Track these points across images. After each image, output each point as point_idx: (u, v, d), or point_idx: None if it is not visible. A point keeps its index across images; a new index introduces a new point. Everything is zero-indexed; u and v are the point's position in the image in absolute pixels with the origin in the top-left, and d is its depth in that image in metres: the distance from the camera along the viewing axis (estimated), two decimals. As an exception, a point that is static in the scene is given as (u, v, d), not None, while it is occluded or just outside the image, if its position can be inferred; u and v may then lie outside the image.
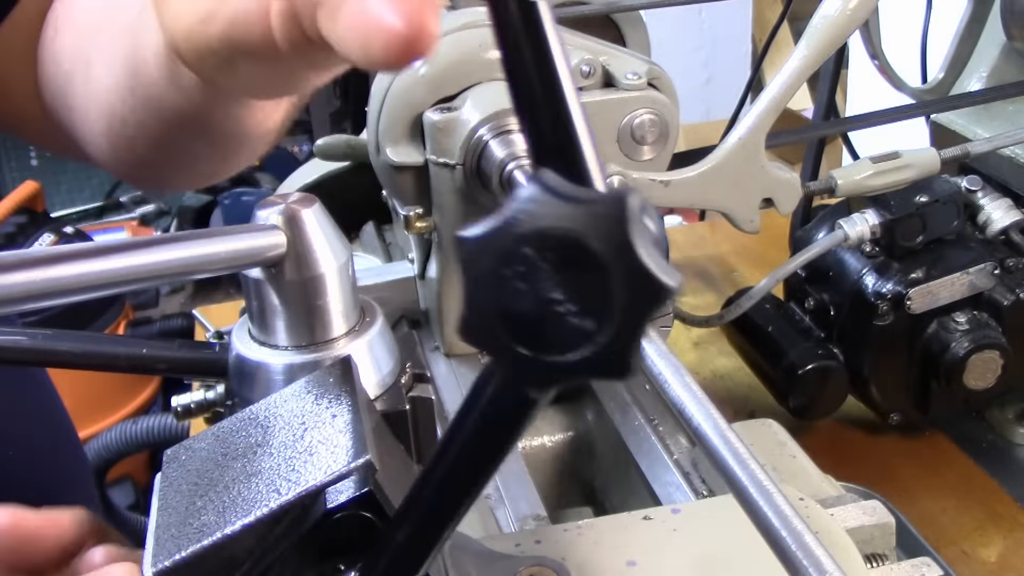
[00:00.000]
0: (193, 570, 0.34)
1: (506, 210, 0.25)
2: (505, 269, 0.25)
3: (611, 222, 0.24)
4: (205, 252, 0.36)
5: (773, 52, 1.18)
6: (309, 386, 0.38)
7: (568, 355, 0.25)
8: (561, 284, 0.25)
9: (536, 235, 0.24)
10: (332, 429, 0.35)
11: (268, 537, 0.34)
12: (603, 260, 0.24)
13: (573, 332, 0.25)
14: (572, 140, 0.26)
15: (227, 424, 0.38)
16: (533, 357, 0.25)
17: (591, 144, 0.26)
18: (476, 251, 0.25)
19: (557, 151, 0.26)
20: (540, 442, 0.73)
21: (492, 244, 0.25)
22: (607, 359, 0.25)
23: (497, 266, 0.25)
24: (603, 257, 0.24)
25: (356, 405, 0.36)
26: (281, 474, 0.35)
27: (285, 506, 0.34)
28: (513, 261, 0.25)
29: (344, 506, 0.34)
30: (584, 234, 0.24)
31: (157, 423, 1.85)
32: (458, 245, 0.25)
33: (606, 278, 0.24)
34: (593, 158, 0.26)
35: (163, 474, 0.38)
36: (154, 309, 2.65)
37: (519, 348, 0.25)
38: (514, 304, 0.25)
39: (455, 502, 0.31)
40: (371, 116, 0.70)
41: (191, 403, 0.46)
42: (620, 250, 0.24)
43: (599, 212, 0.24)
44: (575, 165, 0.26)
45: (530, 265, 0.25)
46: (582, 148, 0.26)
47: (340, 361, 0.39)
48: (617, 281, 0.24)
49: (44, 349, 0.43)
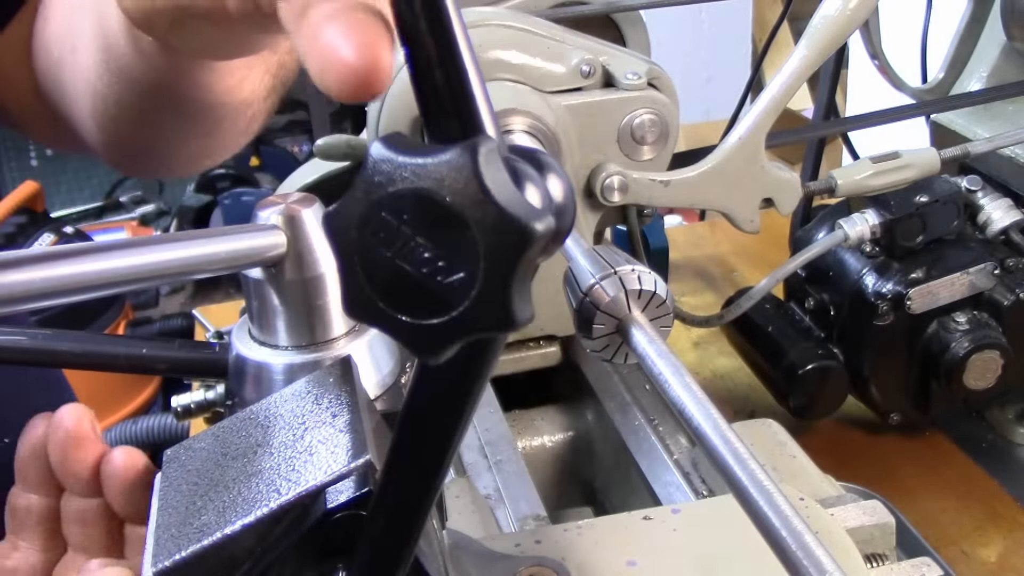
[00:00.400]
0: (193, 570, 0.34)
1: (359, 179, 0.24)
2: (369, 238, 0.24)
3: (461, 172, 0.23)
4: (205, 252, 0.36)
5: (773, 52, 1.18)
6: (309, 386, 0.38)
7: (448, 314, 0.24)
8: (425, 244, 0.24)
9: (390, 199, 0.24)
10: (332, 429, 0.35)
11: (268, 537, 0.34)
12: (458, 212, 0.23)
13: (446, 290, 0.24)
14: (466, 93, 0.25)
15: (227, 424, 0.38)
16: (416, 323, 0.25)
17: (485, 97, 0.25)
18: (339, 226, 0.25)
19: (451, 105, 0.25)
20: (540, 442, 0.73)
21: (352, 216, 0.24)
22: (485, 310, 0.24)
23: (360, 237, 0.24)
24: (458, 209, 0.23)
25: (356, 405, 0.36)
26: (281, 474, 0.35)
27: (285, 506, 0.34)
28: (375, 229, 0.24)
29: (344, 506, 0.34)
30: (436, 189, 0.24)
31: (157, 423, 1.86)
32: (324, 224, 0.25)
33: (466, 229, 0.24)
34: (487, 111, 0.25)
35: (163, 474, 0.38)
36: (154, 309, 2.65)
37: (401, 316, 0.25)
38: (384, 272, 0.25)
39: (417, 489, 0.31)
40: (371, 116, 0.70)
41: (191, 403, 0.46)
42: (473, 199, 0.23)
43: (449, 164, 0.24)
44: (471, 118, 0.25)
45: (391, 230, 0.24)
46: (476, 102, 0.25)
47: (340, 361, 0.39)
48: (477, 231, 0.23)
49: (44, 349, 0.43)
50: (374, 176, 0.24)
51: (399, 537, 0.32)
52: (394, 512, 0.32)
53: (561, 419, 0.75)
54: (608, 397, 0.71)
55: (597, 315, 0.40)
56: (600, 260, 0.41)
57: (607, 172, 0.69)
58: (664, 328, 0.40)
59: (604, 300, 0.40)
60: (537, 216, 0.23)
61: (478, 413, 0.70)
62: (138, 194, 3.51)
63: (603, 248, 0.43)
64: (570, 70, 0.68)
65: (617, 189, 0.69)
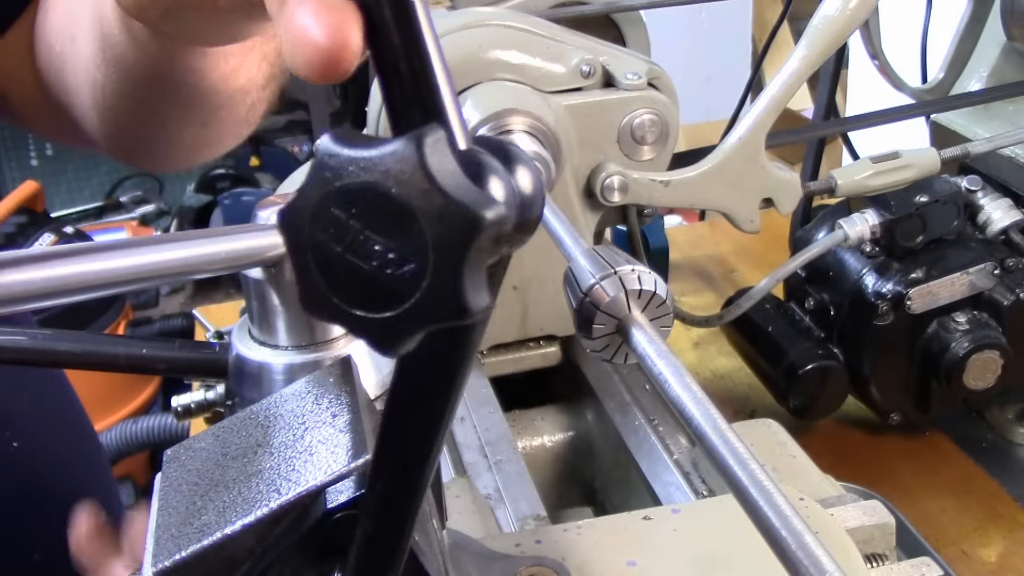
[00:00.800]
0: (193, 570, 0.34)
1: (309, 174, 0.24)
2: (320, 234, 0.24)
3: (407, 163, 0.23)
4: (205, 252, 0.36)
5: (773, 52, 1.18)
6: (309, 386, 0.38)
7: (401, 307, 0.24)
8: (375, 237, 0.24)
9: (338, 193, 0.24)
10: (332, 429, 0.35)
11: (268, 537, 0.34)
12: (405, 203, 0.23)
13: (398, 282, 0.24)
14: (430, 85, 0.25)
15: (227, 424, 0.38)
16: (370, 317, 0.25)
17: (450, 88, 0.25)
18: (292, 223, 0.25)
19: (415, 96, 0.25)
20: (540, 442, 0.73)
21: (302, 212, 0.24)
22: (437, 301, 0.24)
23: (312, 233, 0.24)
24: (404, 200, 0.23)
25: (356, 405, 0.36)
26: (281, 474, 0.35)
27: (285, 506, 0.34)
28: (325, 224, 0.24)
29: (344, 506, 0.34)
30: (382, 181, 0.23)
31: (157, 423, 1.86)
32: (278, 221, 0.25)
33: (414, 220, 0.23)
34: (452, 102, 0.25)
35: (163, 474, 0.38)
36: (154, 309, 2.65)
37: (356, 311, 0.25)
38: (337, 267, 0.24)
39: (405, 484, 0.31)
40: (371, 116, 0.70)
41: (191, 403, 0.46)
42: (419, 189, 0.23)
43: (394, 156, 0.23)
44: (434, 108, 0.25)
45: (340, 225, 0.24)
46: (440, 92, 0.25)
47: (340, 361, 0.39)
48: (424, 221, 0.23)
49: (44, 349, 0.43)
50: (323, 171, 0.24)
51: (391, 533, 0.32)
52: (384, 508, 0.32)
53: (561, 419, 0.75)
54: (608, 397, 0.71)
55: (597, 315, 0.40)
56: (600, 260, 0.41)
57: (607, 172, 0.69)
58: (664, 328, 0.40)
59: (604, 300, 0.40)
60: (486, 204, 0.23)
61: (478, 413, 0.70)
62: (138, 194, 3.51)
63: (603, 248, 0.43)
64: (570, 70, 0.68)
65: (617, 189, 0.69)
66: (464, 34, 0.67)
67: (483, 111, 0.65)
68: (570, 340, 0.77)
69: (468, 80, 0.67)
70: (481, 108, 0.65)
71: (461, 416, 0.70)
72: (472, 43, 0.67)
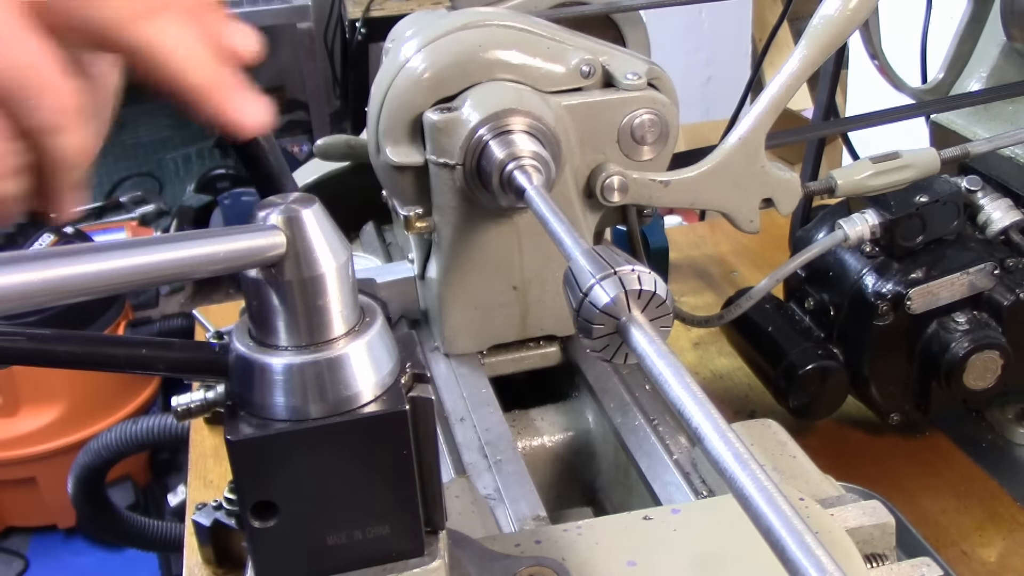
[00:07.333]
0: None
1: None
2: None
3: None
4: (205, 252, 0.36)
5: (773, 52, 1.18)
6: None
7: None
8: None
9: None
10: None
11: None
12: None
13: None
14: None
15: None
16: None
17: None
18: None
19: None
20: (540, 442, 0.73)
21: None
22: None
23: None
24: None
25: None
26: None
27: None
28: None
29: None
30: None
31: (157, 423, 1.85)
32: None
33: None
34: None
35: None
36: (154, 309, 2.65)
37: None
38: None
39: None
40: (371, 116, 0.70)
41: (191, 403, 0.46)
42: None
43: None
44: None
45: None
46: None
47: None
48: None
49: (44, 349, 0.43)
50: None
51: None
52: None
53: (561, 419, 0.75)
54: (608, 397, 0.71)
55: (597, 315, 0.40)
56: (600, 260, 0.41)
57: (607, 172, 0.69)
58: (664, 328, 0.40)
59: (604, 300, 0.40)
60: None
61: (478, 413, 0.70)
62: (138, 194, 3.51)
63: (603, 248, 0.43)
64: (570, 70, 0.68)
65: (617, 189, 0.69)
66: (464, 34, 0.67)
67: (483, 111, 0.65)
68: (570, 340, 0.77)
69: (468, 80, 0.67)
70: (481, 108, 0.65)
71: (461, 416, 0.70)
72: (472, 43, 0.67)
